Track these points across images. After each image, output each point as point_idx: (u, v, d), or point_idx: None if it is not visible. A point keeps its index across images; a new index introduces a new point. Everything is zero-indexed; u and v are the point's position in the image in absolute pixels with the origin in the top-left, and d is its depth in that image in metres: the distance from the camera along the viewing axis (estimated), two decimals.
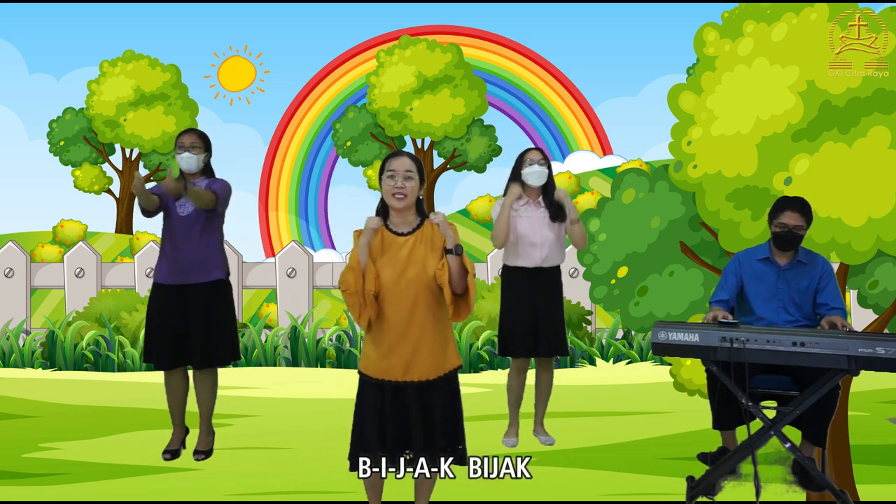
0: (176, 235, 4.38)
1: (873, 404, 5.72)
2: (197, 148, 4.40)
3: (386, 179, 3.12)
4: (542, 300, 4.71)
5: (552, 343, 4.71)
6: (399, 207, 3.13)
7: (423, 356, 3.12)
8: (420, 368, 3.12)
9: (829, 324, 3.53)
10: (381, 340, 3.14)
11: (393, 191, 3.11)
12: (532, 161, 4.69)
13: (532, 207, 4.71)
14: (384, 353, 3.13)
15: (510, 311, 4.75)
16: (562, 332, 4.78)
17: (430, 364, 3.13)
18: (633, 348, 8.10)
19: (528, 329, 4.68)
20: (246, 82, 15.24)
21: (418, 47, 13.97)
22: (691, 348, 3.36)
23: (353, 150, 14.46)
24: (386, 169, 3.13)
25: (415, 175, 3.13)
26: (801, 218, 3.60)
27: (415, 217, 3.19)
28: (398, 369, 3.12)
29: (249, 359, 7.94)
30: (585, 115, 15.68)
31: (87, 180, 14.51)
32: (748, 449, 3.43)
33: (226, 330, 4.43)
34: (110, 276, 8.77)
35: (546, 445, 4.83)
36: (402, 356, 3.11)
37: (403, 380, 3.13)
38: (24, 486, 4.23)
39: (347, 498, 3.83)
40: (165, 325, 4.34)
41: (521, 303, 4.71)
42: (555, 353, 4.77)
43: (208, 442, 4.53)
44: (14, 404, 6.14)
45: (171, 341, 4.33)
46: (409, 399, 3.13)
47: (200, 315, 4.34)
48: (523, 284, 4.71)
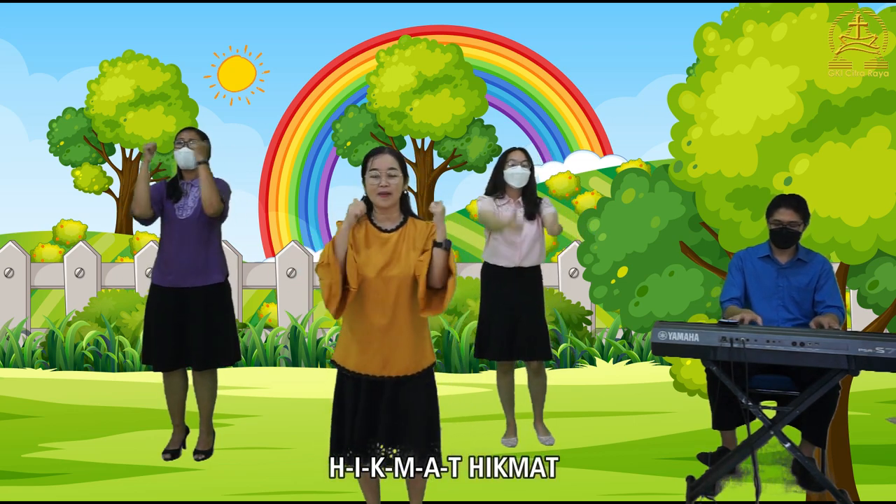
0: (175, 238, 4.36)
1: (873, 404, 5.72)
2: (195, 142, 4.37)
3: (369, 178, 3.11)
4: (520, 301, 4.68)
5: (530, 346, 4.66)
6: (384, 205, 3.12)
7: (402, 353, 3.12)
8: (398, 364, 3.12)
9: (816, 323, 3.52)
10: (360, 335, 3.14)
11: (378, 189, 3.09)
12: (515, 162, 4.68)
13: (511, 207, 4.71)
14: (363, 347, 3.13)
15: (489, 310, 4.72)
16: (542, 335, 4.71)
17: (408, 360, 3.13)
18: (633, 348, 8.09)
19: (505, 330, 4.65)
20: (246, 82, 15.24)
21: (418, 47, 13.97)
22: (691, 348, 3.36)
23: (353, 150, 14.45)
24: (369, 168, 3.11)
25: (398, 172, 3.11)
26: (795, 214, 3.61)
27: (399, 214, 3.17)
28: (376, 364, 3.12)
29: (249, 359, 7.94)
30: (585, 115, 15.67)
31: (87, 180, 14.51)
32: (748, 449, 3.43)
33: (226, 332, 4.43)
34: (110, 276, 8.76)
35: (546, 445, 4.83)
36: (381, 352, 3.11)
37: (381, 374, 3.13)
38: (24, 486, 4.23)
39: (347, 498, 3.83)
40: (164, 327, 4.33)
41: (499, 302, 4.68)
42: (532, 357, 4.72)
43: (208, 442, 4.53)
44: (14, 404, 6.13)
45: (170, 344, 4.32)
46: (384, 393, 3.13)
47: (200, 318, 4.32)
48: (502, 284, 4.69)
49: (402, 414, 3.13)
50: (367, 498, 3.34)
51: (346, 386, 3.19)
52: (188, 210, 4.35)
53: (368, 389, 3.14)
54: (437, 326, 7.74)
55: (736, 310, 3.66)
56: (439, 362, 7.62)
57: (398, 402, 3.13)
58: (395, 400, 3.13)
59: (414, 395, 3.14)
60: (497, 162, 4.79)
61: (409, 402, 3.14)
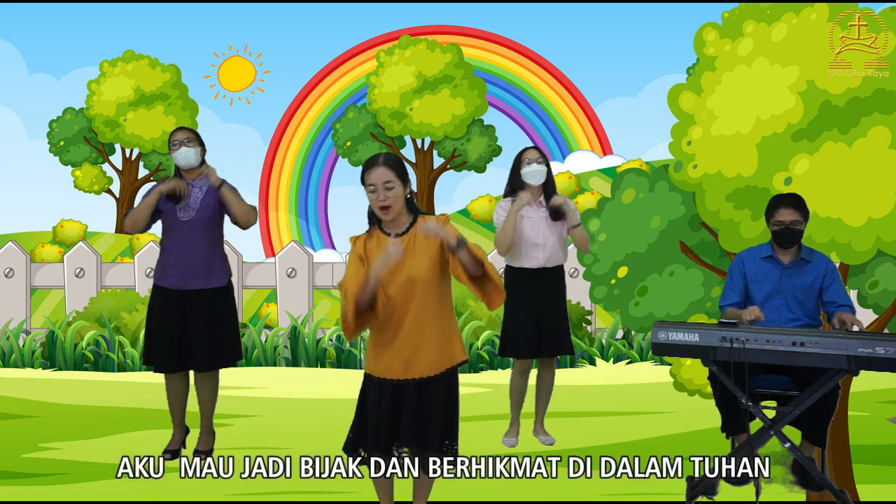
0: (177, 240, 4.32)
1: (873, 404, 5.72)
2: (192, 141, 4.34)
3: (368, 193, 3.10)
4: (545, 300, 4.71)
5: (555, 343, 4.71)
6: (389, 219, 3.11)
7: (425, 354, 3.10)
8: (422, 365, 3.10)
9: (840, 321, 3.52)
10: (380, 340, 3.13)
11: (378, 205, 3.08)
12: (530, 160, 4.68)
13: (533, 208, 4.71)
14: (383, 351, 3.12)
15: (514, 311, 4.74)
16: (565, 331, 4.78)
17: (431, 361, 3.11)
18: (633, 348, 8.09)
19: (531, 329, 4.68)
20: (246, 82, 15.24)
21: (418, 47, 13.97)
22: (691, 348, 3.36)
23: (353, 150, 14.46)
24: (366, 183, 3.09)
25: (395, 183, 3.07)
26: (796, 213, 3.61)
27: (407, 217, 3.16)
28: (398, 367, 3.11)
29: (249, 359, 7.94)
30: (585, 115, 15.67)
31: (87, 180, 14.50)
32: (748, 449, 3.43)
33: (228, 334, 4.41)
34: (110, 276, 8.76)
35: (546, 445, 4.83)
36: (403, 354, 3.10)
37: (404, 377, 3.11)
38: (24, 486, 4.23)
39: (347, 498, 3.83)
40: (166, 329, 4.31)
41: (524, 303, 4.70)
42: (558, 353, 4.77)
43: (209, 442, 4.53)
44: (14, 404, 6.13)
45: (171, 346, 4.30)
46: (406, 395, 3.11)
47: (203, 321, 4.30)
48: (527, 285, 4.71)
49: (424, 415, 3.11)
50: (380, 499, 3.31)
51: (369, 389, 3.18)
52: (190, 212, 4.31)
53: (392, 394, 3.12)
54: None
55: (736, 312, 3.65)
56: None
57: (421, 403, 3.11)
58: (418, 401, 3.11)
59: (436, 396, 3.12)
60: (512, 164, 4.78)
61: (432, 402, 3.11)
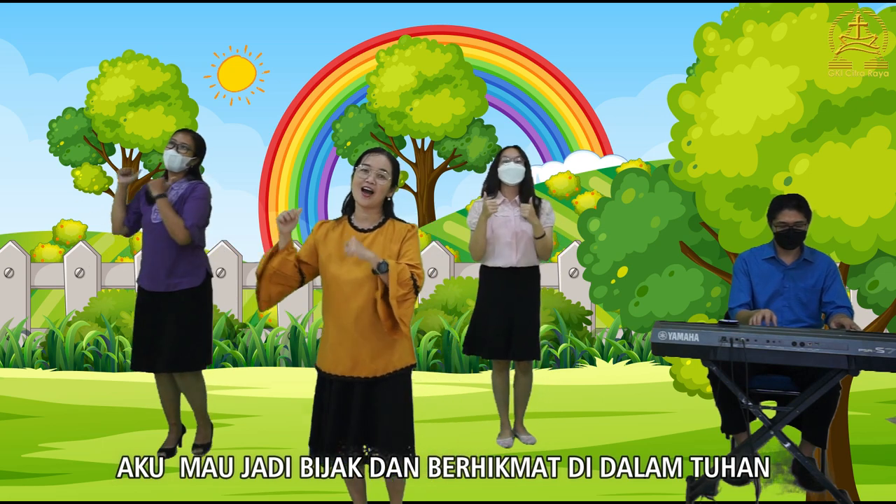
0: (148, 242, 4.34)
1: (873, 404, 5.72)
2: (186, 149, 4.32)
3: (359, 172, 3.11)
4: (517, 301, 4.67)
5: (524, 346, 4.67)
6: (364, 204, 3.11)
7: (370, 353, 3.10)
8: (368, 365, 3.10)
9: (837, 324, 3.52)
10: (332, 335, 3.13)
11: (362, 184, 3.09)
12: (508, 158, 4.67)
13: (508, 207, 4.69)
14: (333, 345, 3.13)
15: (484, 309, 4.72)
16: (535, 335, 4.72)
17: (378, 361, 3.11)
18: (633, 348, 8.09)
19: (501, 329, 4.65)
20: (246, 82, 15.23)
21: (418, 47, 13.96)
22: (691, 348, 3.36)
23: (353, 150, 14.44)
24: (362, 162, 3.11)
25: (388, 175, 3.11)
26: (799, 214, 3.61)
27: (379, 215, 3.17)
28: (345, 363, 3.11)
29: (249, 359, 7.94)
30: (585, 115, 15.67)
31: (87, 180, 14.50)
32: (748, 449, 3.43)
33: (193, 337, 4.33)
34: (110, 276, 8.76)
35: (527, 444, 4.82)
36: (350, 350, 3.09)
37: (351, 375, 3.11)
38: (24, 486, 4.23)
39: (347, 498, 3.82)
40: (138, 328, 4.36)
41: (496, 302, 4.68)
42: (525, 357, 4.72)
43: (206, 435, 4.52)
44: (14, 404, 6.13)
45: (142, 345, 4.33)
46: (355, 394, 3.11)
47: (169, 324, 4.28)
48: (499, 284, 4.68)
49: (372, 415, 3.11)
50: (353, 498, 3.35)
51: (322, 386, 3.20)
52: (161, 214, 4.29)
53: (340, 390, 3.13)
54: (437, 326, 7.74)
55: (747, 314, 3.64)
56: (439, 362, 7.62)
57: (369, 402, 3.12)
58: (366, 401, 3.12)
59: (385, 397, 3.12)
60: (493, 161, 4.78)
61: (381, 403, 3.12)
